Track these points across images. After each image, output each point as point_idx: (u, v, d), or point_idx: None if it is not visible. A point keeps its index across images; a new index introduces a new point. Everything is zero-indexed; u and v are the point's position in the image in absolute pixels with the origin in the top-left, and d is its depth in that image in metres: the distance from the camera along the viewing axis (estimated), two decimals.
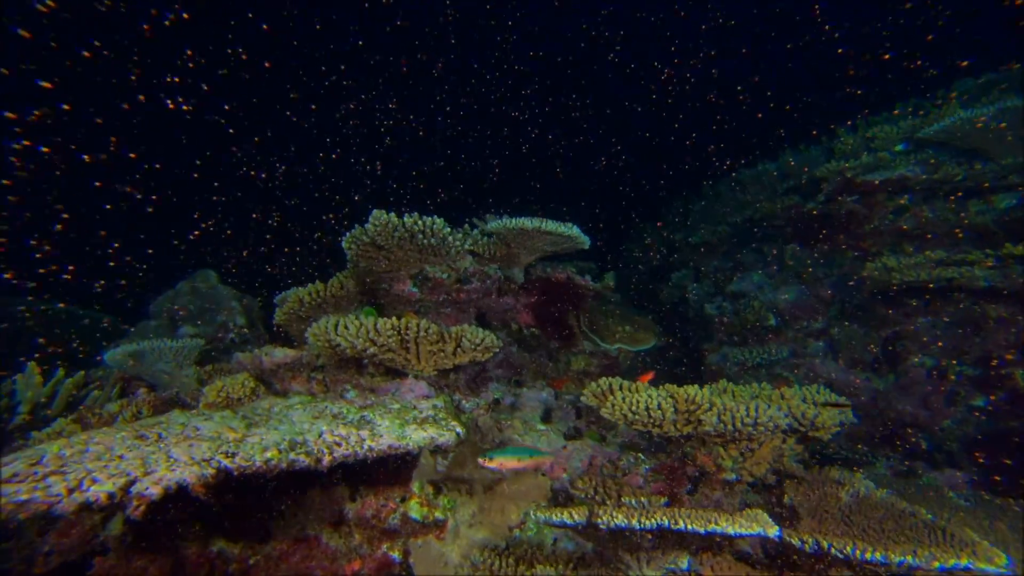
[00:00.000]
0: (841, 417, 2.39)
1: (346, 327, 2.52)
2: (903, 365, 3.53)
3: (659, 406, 2.39)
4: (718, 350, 4.77)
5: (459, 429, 2.17)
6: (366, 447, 1.96)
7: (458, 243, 3.06)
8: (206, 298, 3.40)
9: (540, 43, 8.86)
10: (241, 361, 2.69)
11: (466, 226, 3.45)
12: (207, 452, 1.72)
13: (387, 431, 2.07)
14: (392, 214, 2.97)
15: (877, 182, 3.90)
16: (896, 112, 5.55)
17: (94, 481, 1.46)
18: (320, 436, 2.00)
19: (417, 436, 2.06)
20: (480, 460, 2.19)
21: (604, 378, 2.76)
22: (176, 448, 1.73)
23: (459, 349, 2.67)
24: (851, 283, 4.06)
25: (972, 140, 3.62)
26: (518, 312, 3.47)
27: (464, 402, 2.73)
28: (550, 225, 3.13)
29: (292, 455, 1.82)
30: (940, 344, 3.38)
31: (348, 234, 3.13)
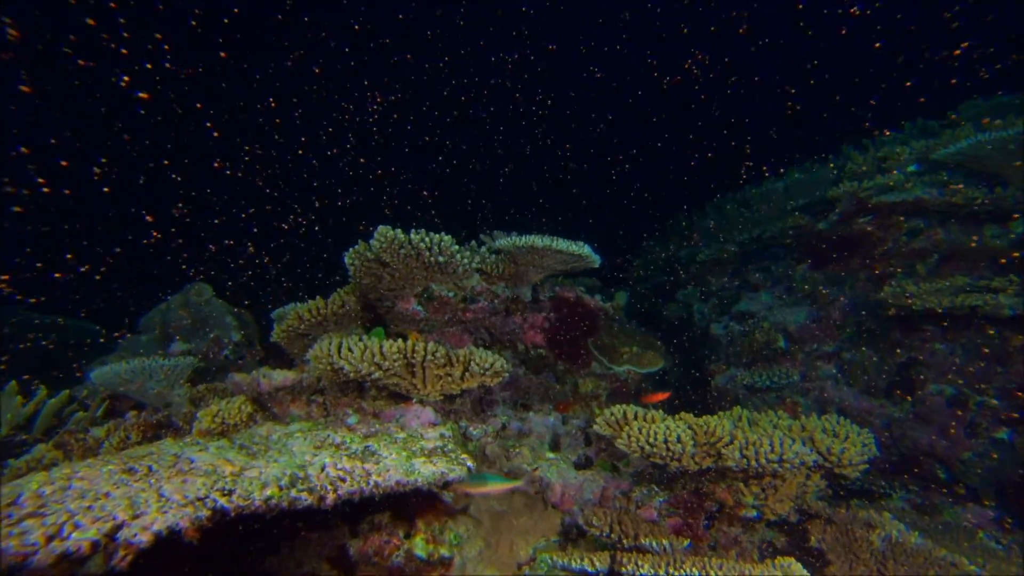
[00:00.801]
0: (867, 453, 2.28)
1: (350, 350, 2.40)
2: (920, 393, 3.44)
3: (678, 439, 2.28)
4: (725, 371, 4.67)
5: (469, 463, 2.05)
6: (372, 483, 1.83)
7: (466, 261, 2.95)
8: (200, 312, 3.27)
9: (543, 54, 8.82)
10: (238, 382, 2.55)
11: (473, 243, 3.34)
12: (202, 489, 1.59)
13: (393, 465, 1.95)
14: (398, 230, 2.86)
15: (892, 204, 3.83)
16: (903, 131, 5.53)
17: (76, 527, 1.32)
18: (323, 470, 1.87)
19: (426, 471, 1.93)
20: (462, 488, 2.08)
21: (618, 405, 2.64)
22: (168, 484, 1.59)
23: (467, 373, 2.55)
24: (864, 306, 3.98)
25: (990, 163, 3.56)
26: (525, 332, 3.35)
27: (471, 429, 2.61)
28: (561, 244, 3.03)
29: (294, 492, 1.69)
30: (959, 372, 3.29)
31: (351, 249, 3.01)
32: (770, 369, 4.22)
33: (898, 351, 3.68)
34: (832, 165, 5.81)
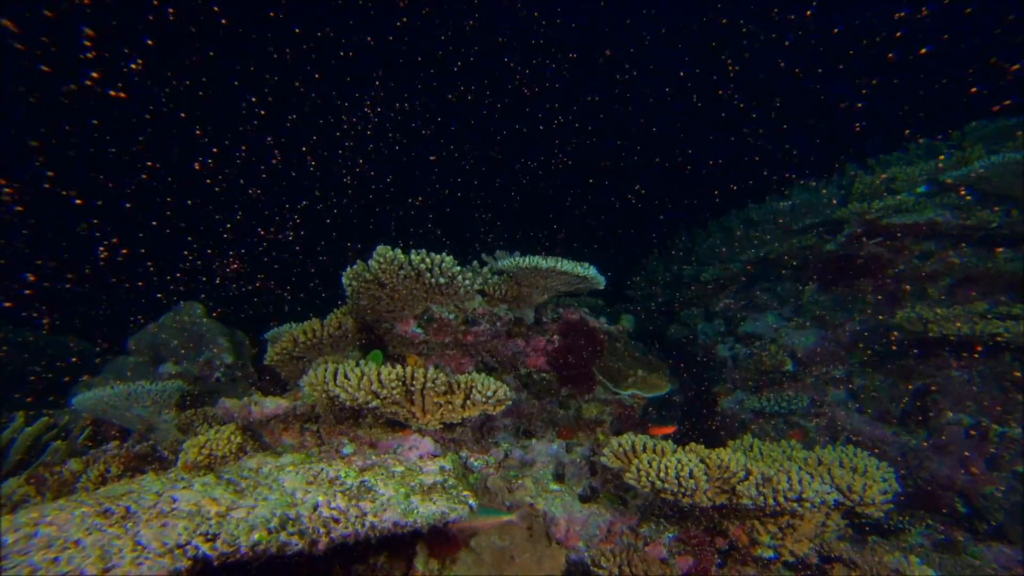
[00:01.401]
0: (889, 491, 2.16)
1: (346, 377, 2.28)
2: (936, 422, 3.33)
3: (691, 474, 2.16)
4: (731, 394, 4.55)
5: (471, 501, 1.93)
6: (368, 524, 1.71)
7: (468, 283, 2.85)
8: (191, 333, 3.16)
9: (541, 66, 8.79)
10: (228, 409, 2.44)
11: (475, 263, 3.24)
12: (183, 535, 1.47)
13: (391, 503, 1.82)
14: (398, 250, 2.76)
15: (904, 226, 3.75)
16: (907, 151, 5.48)
17: None
18: (315, 510, 1.75)
19: (425, 510, 1.81)
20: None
21: (626, 435, 2.53)
22: (146, 529, 1.47)
23: (469, 401, 2.43)
24: (875, 329, 3.88)
25: (1003, 185, 3.49)
26: (528, 356, 3.24)
27: (472, 460, 2.49)
28: (566, 265, 2.94)
29: (283, 536, 1.57)
30: (977, 401, 3.18)
31: (349, 269, 2.91)
32: (779, 394, 4.10)
33: (912, 377, 3.57)
34: (837, 183, 5.75)
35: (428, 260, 2.78)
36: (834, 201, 5.25)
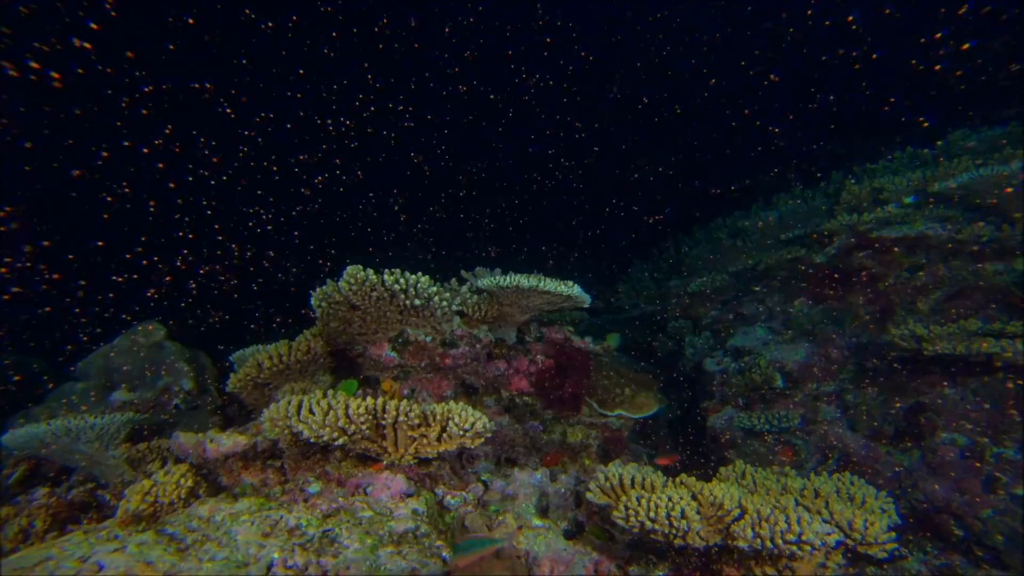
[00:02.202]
0: (893, 531, 2.04)
1: (311, 411, 2.10)
2: (930, 441, 3.23)
3: (682, 513, 2.01)
4: (720, 411, 4.43)
5: (445, 553, 1.76)
6: None
7: (445, 304, 2.68)
8: (148, 356, 2.93)
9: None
10: (182, 444, 2.23)
11: (453, 281, 3.08)
12: None
13: (356, 559, 1.64)
14: (370, 271, 2.59)
15: (894, 239, 3.67)
16: (893, 160, 5.44)
17: None
18: (270, 570, 1.56)
19: (394, 567, 1.64)
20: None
21: (613, 467, 2.38)
22: None
23: (445, 435, 2.26)
24: (866, 345, 3.79)
25: (993, 197, 3.42)
26: (510, 378, 3.08)
27: (449, 497, 2.31)
28: (549, 284, 2.78)
29: None
30: (971, 420, 3.09)
31: (318, 289, 2.73)
32: (769, 411, 3.99)
33: (904, 394, 3.48)
34: (820, 193, 5.70)
35: (402, 281, 2.61)
36: (823, 208, 5.18)
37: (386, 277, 2.59)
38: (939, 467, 3.13)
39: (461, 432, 2.26)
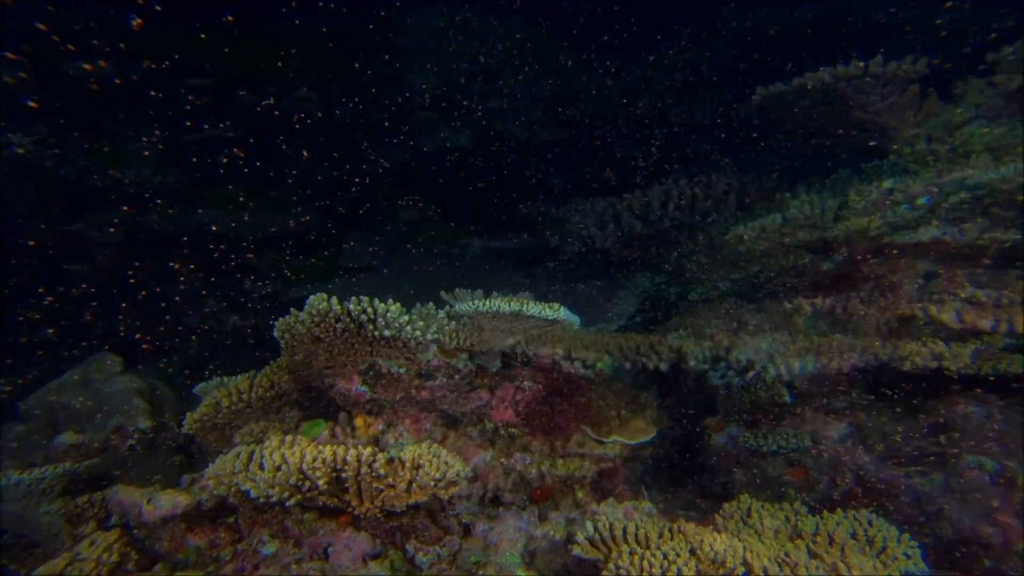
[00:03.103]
0: None
1: (260, 466, 1.87)
2: (954, 463, 2.98)
3: (679, 574, 1.78)
4: (724, 429, 4.17)
5: None
6: None
7: (418, 333, 2.45)
8: (100, 393, 2.72)
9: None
10: (121, 503, 2.01)
11: (431, 305, 2.84)
12: None
13: None
14: (334, 300, 2.36)
15: (908, 244, 3.42)
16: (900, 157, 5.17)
17: None
18: None
19: None
20: None
21: (604, 517, 2.15)
22: None
23: (415, 485, 2.03)
24: (879, 360, 3.53)
25: (1012, 198, 3.17)
26: (494, 409, 2.85)
27: (420, 555, 2.08)
28: (533, 308, 2.55)
29: None
30: (999, 442, 2.85)
31: (280, 320, 2.51)
32: (777, 430, 3.74)
33: (923, 412, 3.22)
34: (827, 192, 5.43)
35: (370, 310, 2.38)
36: (830, 210, 4.92)
37: (352, 306, 2.37)
38: (964, 493, 2.88)
39: (432, 482, 2.03)
